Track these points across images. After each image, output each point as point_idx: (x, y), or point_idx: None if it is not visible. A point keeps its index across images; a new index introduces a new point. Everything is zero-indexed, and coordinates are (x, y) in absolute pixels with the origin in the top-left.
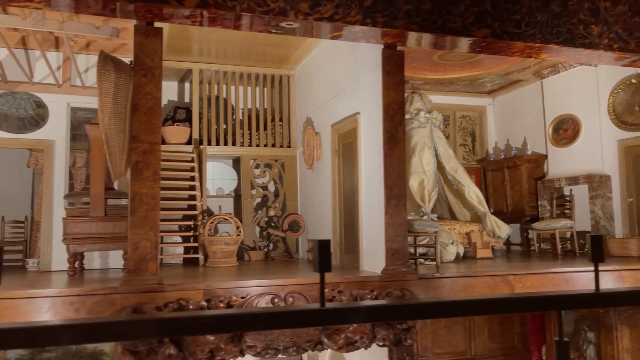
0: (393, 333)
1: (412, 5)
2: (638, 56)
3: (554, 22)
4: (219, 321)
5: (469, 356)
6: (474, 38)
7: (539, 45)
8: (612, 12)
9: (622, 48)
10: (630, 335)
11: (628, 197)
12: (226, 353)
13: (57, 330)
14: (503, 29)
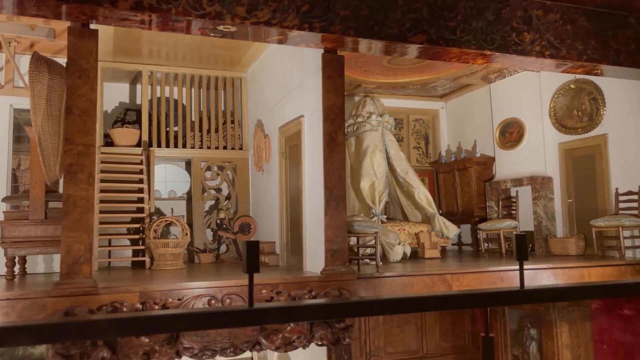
0: (331, 332)
1: (349, 11)
2: (570, 62)
3: (488, 29)
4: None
5: (421, 355)
6: (410, 44)
7: (474, 52)
8: (543, 20)
9: (554, 55)
10: (569, 331)
11: (568, 198)
12: (161, 355)
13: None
14: (439, 35)
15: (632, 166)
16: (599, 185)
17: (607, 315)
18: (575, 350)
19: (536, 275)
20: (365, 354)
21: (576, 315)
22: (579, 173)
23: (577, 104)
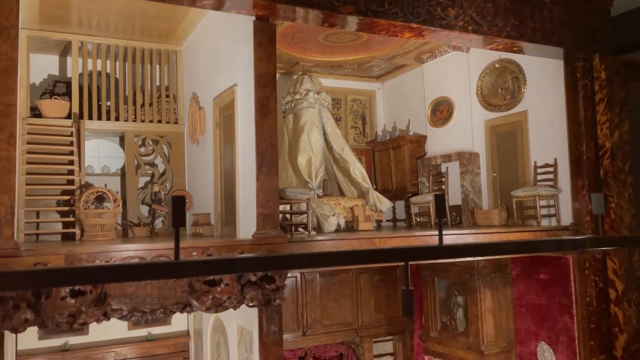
0: (262, 293)
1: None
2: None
3: (415, 3)
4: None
5: (356, 327)
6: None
7: (401, 24)
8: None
9: (476, 30)
10: (492, 297)
11: (492, 172)
12: (88, 316)
13: None
14: (367, 7)
15: (548, 141)
16: (520, 159)
17: (526, 280)
18: (497, 315)
19: (459, 240)
20: (302, 327)
21: (498, 281)
22: (502, 148)
23: (501, 83)
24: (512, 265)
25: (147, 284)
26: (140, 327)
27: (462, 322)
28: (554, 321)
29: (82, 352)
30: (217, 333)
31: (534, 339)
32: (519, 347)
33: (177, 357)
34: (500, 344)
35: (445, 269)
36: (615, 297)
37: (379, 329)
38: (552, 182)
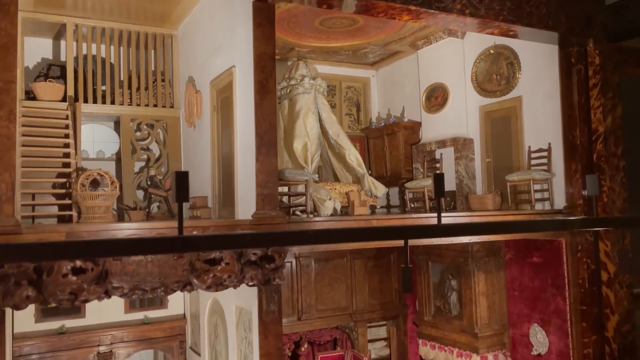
0: (262, 273)
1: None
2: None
3: None
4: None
5: (350, 311)
6: None
7: (400, 6)
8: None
9: (473, 13)
10: (486, 280)
11: (487, 158)
12: (90, 294)
13: None
14: None
15: (542, 126)
16: (514, 144)
17: (519, 264)
18: (491, 298)
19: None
20: (297, 312)
21: (492, 265)
22: (497, 133)
23: (496, 69)
24: (506, 249)
25: (148, 262)
26: (137, 310)
27: (455, 306)
28: (547, 303)
29: (79, 334)
30: (214, 315)
31: (526, 322)
32: (512, 330)
33: (174, 340)
34: (493, 326)
35: (439, 253)
36: (607, 279)
37: (373, 314)
38: (546, 167)
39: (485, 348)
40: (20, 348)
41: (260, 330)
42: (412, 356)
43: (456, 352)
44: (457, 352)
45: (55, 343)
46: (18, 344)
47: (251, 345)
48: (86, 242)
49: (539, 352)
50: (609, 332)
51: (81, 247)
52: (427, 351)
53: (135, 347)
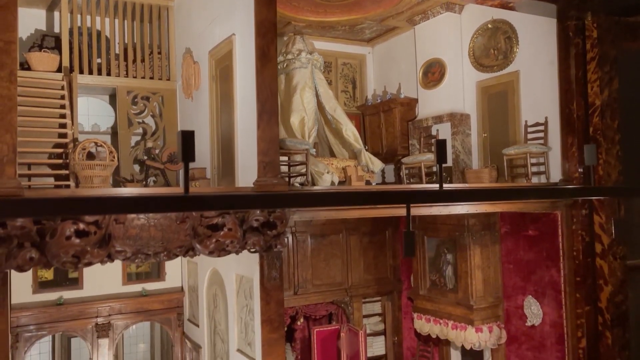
0: (264, 239)
1: None
2: None
3: None
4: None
5: (346, 287)
6: None
7: None
8: None
9: None
10: (481, 253)
11: (483, 133)
12: (93, 257)
13: None
14: None
15: (539, 100)
16: (511, 119)
17: (514, 237)
18: (486, 271)
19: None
20: (294, 287)
21: (487, 239)
22: (493, 109)
23: (493, 43)
24: (501, 222)
25: (150, 226)
26: (134, 282)
27: (451, 280)
28: (541, 275)
29: (77, 306)
30: (213, 286)
31: (520, 294)
32: (506, 302)
33: (171, 312)
34: (488, 299)
35: (435, 228)
36: (601, 251)
37: (368, 289)
38: (542, 141)
39: (480, 320)
40: (18, 319)
41: (262, 296)
42: (407, 331)
43: (451, 325)
44: (452, 325)
45: (53, 314)
46: (15, 315)
47: (252, 312)
48: (91, 197)
49: (533, 323)
50: (602, 302)
51: (86, 203)
52: (422, 324)
53: (133, 319)
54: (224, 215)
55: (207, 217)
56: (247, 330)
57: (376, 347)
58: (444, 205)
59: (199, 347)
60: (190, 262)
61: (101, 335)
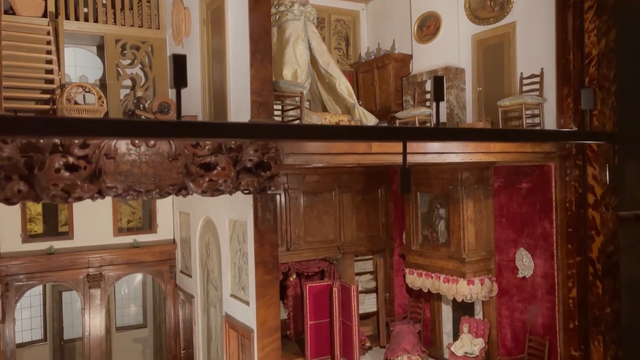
0: (257, 181)
1: None
2: None
3: None
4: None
5: (338, 244)
6: None
7: None
8: None
9: None
10: (474, 207)
11: (478, 87)
12: (83, 191)
13: None
14: None
15: (535, 51)
16: (507, 72)
17: (507, 191)
18: (478, 225)
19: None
20: (286, 243)
21: (480, 193)
22: (489, 62)
23: None
24: (495, 176)
25: (142, 162)
26: (126, 234)
27: (443, 234)
28: (533, 228)
29: (67, 256)
30: (206, 234)
31: (512, 247)
32: (498, 256)
33: (164, 265)
34: (480, 252)
35: (428, 183)
36: (593, 202)
37: (361, 247)
38: (538, 93)
39: (472, 273)
40: (8, 268)
41: (256, 238)
42: (398, 288)
43: (443, 278)
44: (443, 278)
45: (44, 263)
46: (5, 264)
47: (246, 256)
48: (82, 120)
49: (524, 275)
50: (593, 253)
51: (76, 125)
52: (414, 279)
53: (125, 271)
54: (217, 154)
55: (200, 155)
56: (240, 275)
57: (368, 304)
58: (439, 154)
59: (192, 297)
60: (182, 214)
61: (93, 286)
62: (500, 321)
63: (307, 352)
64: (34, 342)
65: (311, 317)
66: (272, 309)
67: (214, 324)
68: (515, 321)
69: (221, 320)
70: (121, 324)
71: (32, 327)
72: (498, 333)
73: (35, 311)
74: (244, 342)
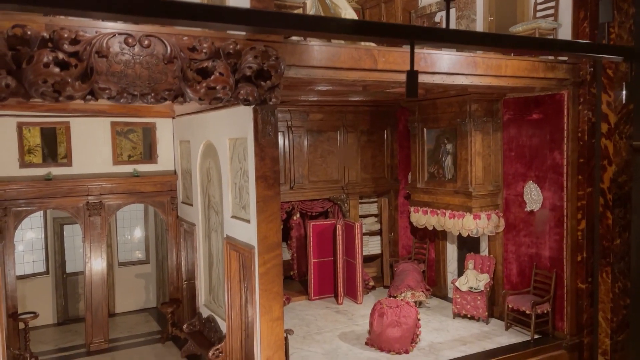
0: (257, 91)
1: None
2: None
3: None
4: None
5: (343, 184)
6: None
7: None
8: None
9: None
10: (482, 141)
11: (489, 16)
12: (75, 90)
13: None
14: None
15: None
16: None
17: (517, 123)
18: (486, 159)
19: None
20: (290, 181)
21: (489, 126)
22: None
23: None
24: (504, 109)
25: (136, 63)
26: (125, 163)
27: (450, 170)
28: (543, 159)
29: (66, 182)
30: (207, 160)
31: (521, 181)
32: (506, 190)
33: (165, 196)
34: (487, 187)
35: (435, 118)
36: (607, 131)
37: (365, 188)
38: (553, 17)
39: (479, 207)
40: (6, 192)
41: (257, 152)
42: (402, 230)
43: (448, 214)
44: (449, 214)
45: (42, 189)
46: (3, 188)
47: (246, 174)
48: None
49: (532, 208)
50: (604, 183)
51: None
52: (419, 217)
53: (125, 200)
54: (215, 59)
55: (197, 60)
56: (241, 194)
57: (372, 246)
58: (447, 74)
59: (193, 225)
60: (182, 142)
61: (93, 214)
62: (506, 257)
63: (310, 290)
64: (36, 275)
65: (315, 255)
66: (273, 224)
67: (215, 249)
68: (521, 256)
69: (222, 243)
70: (124, 260)
71: (34, 260)
72: (504, 269)
73: (37, 244)
74: (244, 261)
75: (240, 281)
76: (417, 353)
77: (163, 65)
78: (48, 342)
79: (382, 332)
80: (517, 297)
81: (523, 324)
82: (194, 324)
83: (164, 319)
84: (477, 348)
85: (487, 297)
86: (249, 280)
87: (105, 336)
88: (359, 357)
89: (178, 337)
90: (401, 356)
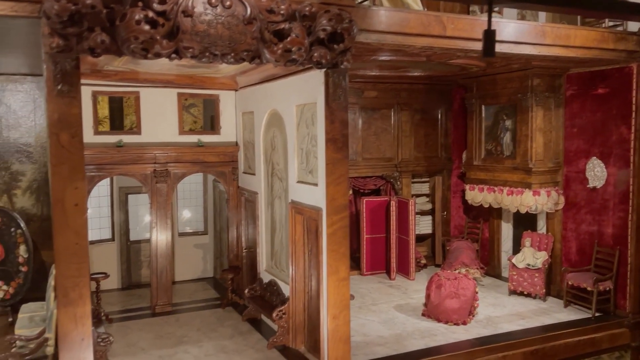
0: (330, 54)
1: None
2: None
3: None
4: None
5: (395, 162)
6: None
7: None
8: None
9: None
10: (544, 116)
11: None
12: (162, 48)
13: None
14: None
15: None
16: None
17: (580, 99)
18: (547, 135)
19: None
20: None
21: (551, 102)
22: None
23: None
24: (567, 85)
25: (218, 23)
26: (190, 133)
27: (508, 146)
28: (608, 135)
29: (136, 150)
30: (271, 128)
31: (583, 157)
32: (567, 167)
33: (227, 166)
34: (547, 163)
35: (495, 94)
36: None
37: (418, 167)
38: None
39: (538, 184)
40: None
41: (327, 115)
42: (455, 210)
43: (506, 191)
44: (507, 191)
45: (114, 155)
46: None
47: (314, 139)
48: None
49: (595, 185)
50: None
51: None
52: (475, 195)
53: (190, 169)
54: (291, 21)
55: (274, 22)
56: (308, 159)
57: (423, 225)
58: (515, 43)
59: (255, 194)
60: (245, 114)
61: (160, 181)
62: (565, 235)
63: (363, 265)
64: (103, 241)
65: (367, 231)
66: (341, 187)
67: (278, 215)
68: (582, 234)
69: (286, 209)
70: (183, 230)
71: (100, 227)
72: (562, 247)
73: (103, 211)
74: (310, 225)
75: (304, 244)
76: (474, 325)
77: (243, 26)
78: (115, 303)
79: (439, 303)
80: (577, 275)
81: (583, 300)
82: (255, 289)
83: (221, 287)
84: (535, 323)
85: (545, 275)
86: (314, 242)
87: (169, 300)
88: (416, 326)
89: (237, 303)
90: (459, 327)
